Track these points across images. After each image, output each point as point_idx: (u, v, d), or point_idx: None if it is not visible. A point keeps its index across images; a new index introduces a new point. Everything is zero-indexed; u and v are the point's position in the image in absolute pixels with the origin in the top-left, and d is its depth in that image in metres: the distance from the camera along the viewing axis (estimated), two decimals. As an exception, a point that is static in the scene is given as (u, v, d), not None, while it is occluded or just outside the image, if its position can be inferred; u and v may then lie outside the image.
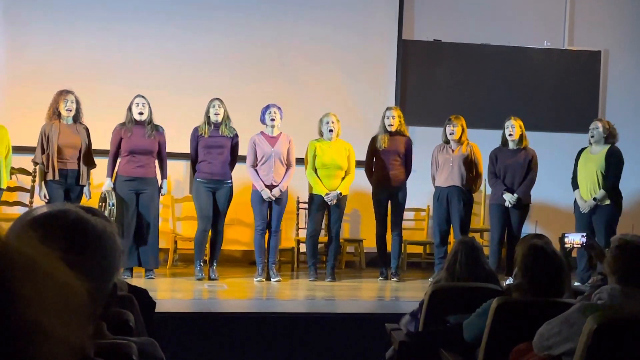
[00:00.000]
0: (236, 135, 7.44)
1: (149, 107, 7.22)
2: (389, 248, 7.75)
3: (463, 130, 7.60)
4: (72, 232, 1.31)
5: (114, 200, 6.99)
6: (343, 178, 7.57)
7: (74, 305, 0.72)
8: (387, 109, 7.81)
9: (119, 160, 7.22)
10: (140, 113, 7.17)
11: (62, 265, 0.74)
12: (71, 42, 8.45)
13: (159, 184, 7.30)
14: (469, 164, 7.58)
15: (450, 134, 7.58)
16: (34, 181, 7.39)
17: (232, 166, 7.43)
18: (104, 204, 6.99)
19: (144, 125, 7.19)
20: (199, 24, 8.71)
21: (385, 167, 7.63)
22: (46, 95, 7.22)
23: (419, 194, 8.06)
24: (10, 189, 7.59)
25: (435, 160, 7.72)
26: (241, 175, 7.66)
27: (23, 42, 8.42)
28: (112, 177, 7.18)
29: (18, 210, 7.72)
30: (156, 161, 7.28)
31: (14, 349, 0.65)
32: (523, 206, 7.50)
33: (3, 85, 8.26)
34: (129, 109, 7.22)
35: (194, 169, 7.46)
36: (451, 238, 7.61)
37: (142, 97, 7.23)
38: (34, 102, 7.67)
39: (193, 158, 7.43)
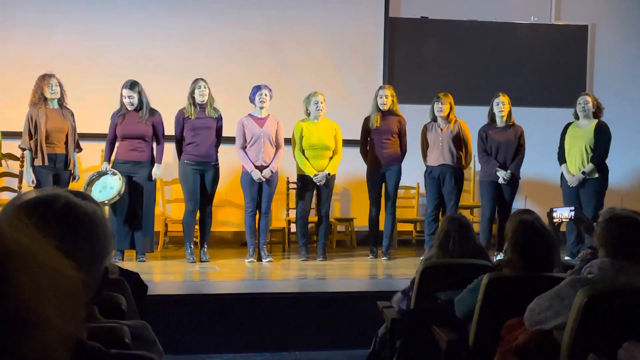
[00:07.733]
0: (220, 117, 7.40)
1: (139, 92, 7.13)
2: (381, 227, 7.76)
3: (451, 108, 7.59)
4: (64, 217, 1.30)
5: (119, 177, 6.92)
6: (331, 158, 7.57)
7: (68, 293, 0.72)
8: (380, 88, 7.77)
9: (117, 145, 7.20)
10: (131, 104, 7.11)
11: (56, 253, 0.74)
12: (56, 26, 8.37)
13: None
14: (459, 141, 7.58)
15: (438, 111, 7.57)
16: (22, 166, 7.35)
17: (217, 147, 7.40)
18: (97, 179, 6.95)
19: (136, 110, 7.15)
20: (187, 5, 8.64)
21: (379, 147, 7.62)
22: (32, 80, 7.13)
23: (409, 171, 8.06)
24: (-2, 175, 7.56)
25: (424, 139, 7.71)
26: (230, 156, 7.64)
27: (7, 28, 8.33)
28: (109, 162, 7.15)
29: (7, 196, 7.69)
30: (154, 145, 7.26)
31: (10, 336, 0.65)
32: (514, 182, 7.53)
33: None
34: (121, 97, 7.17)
35: (179, 151, 7.42)
36: (442, 215, 7.63)
37: (129, 88, 7.09)
38: (20, 87, 7.60)
39: (178, 140, 7.39)
